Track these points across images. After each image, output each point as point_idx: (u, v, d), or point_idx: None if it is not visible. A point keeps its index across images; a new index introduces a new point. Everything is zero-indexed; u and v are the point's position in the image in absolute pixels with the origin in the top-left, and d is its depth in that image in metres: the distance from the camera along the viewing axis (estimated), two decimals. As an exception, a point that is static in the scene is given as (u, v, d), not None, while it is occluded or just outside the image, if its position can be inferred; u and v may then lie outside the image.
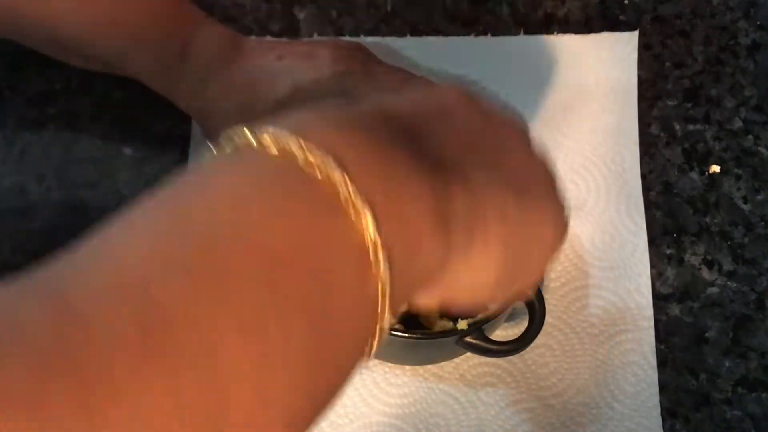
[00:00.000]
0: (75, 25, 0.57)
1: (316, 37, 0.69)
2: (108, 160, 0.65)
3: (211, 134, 0.60)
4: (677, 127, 0.68)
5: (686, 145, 0.67)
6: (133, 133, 0.66)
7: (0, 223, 0.63)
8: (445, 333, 0.54)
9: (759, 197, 0.66)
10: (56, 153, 0.65)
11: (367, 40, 0.67)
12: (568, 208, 0.41)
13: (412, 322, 0.57)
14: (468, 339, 0.54)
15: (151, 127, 0.66)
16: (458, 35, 0.69)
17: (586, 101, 0.67)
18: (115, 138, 0.66)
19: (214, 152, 0.31)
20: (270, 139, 0.29)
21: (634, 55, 0.69)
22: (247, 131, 0.30)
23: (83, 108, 0.67)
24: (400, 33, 0.69)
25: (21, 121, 0.66)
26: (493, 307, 0.44)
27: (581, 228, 0.64)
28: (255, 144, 0.30)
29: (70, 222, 0.63)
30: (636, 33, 0.69)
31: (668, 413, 0.60)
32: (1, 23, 0.58)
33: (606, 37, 0.69)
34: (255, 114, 0.57)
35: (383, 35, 0.69)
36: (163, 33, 0.58)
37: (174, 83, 0.59)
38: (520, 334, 0.55)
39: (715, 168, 0.66)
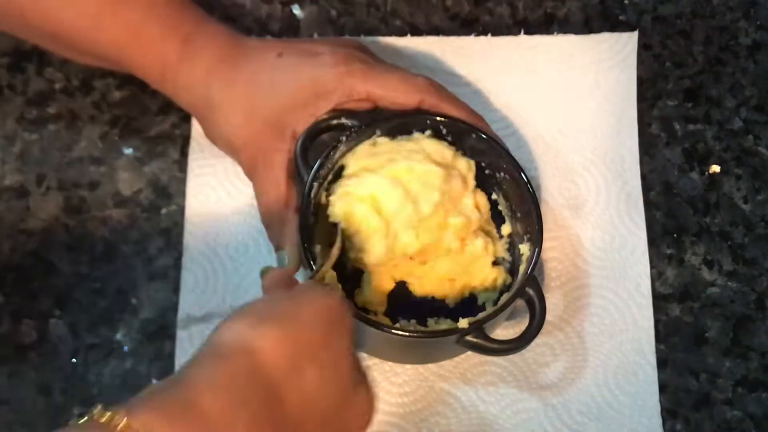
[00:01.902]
0: (75, 20, 0.57)
1: (316, 36, 0.69)
2: (108, 160, 0.65)
3: (211, 133, 0.60)
4: (677, 127, 0.68)
5: (686, 145, 0.67)
6: (133, 133, 0.66)
7: (0, 223, 0.63)
8: (445, 332, 0.54)
9: (759, 197, 0.66)
10: (56, 153, 0.65)
11: (367, 40, 0.67)
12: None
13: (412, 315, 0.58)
14: (469, 338, 0.53)
15: (151, 127, 0.66)
16: (458, 35, 0.69)
17: (586, 101, 0.68)
18: (115, 138, 0.66)
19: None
20: (101, 414, 0.38)
21: (634, 55, 0.69)
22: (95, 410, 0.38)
23: (83, 108, 0.67)
24: (400, 33, 0.69)
25: (21, 121, 0.66)
26: None
27: (581, 228, 0.64)
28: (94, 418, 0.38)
29: (70, 222, 0.63)
30: (636, 33, 0.69)
31: (668, 413, 0.60)
32: (2, 17, 0.58)
33: (606, 37, 0.69)
34: (256, 112, 0.57)
35: (383, 35, 0.69)
36: (163, 30, 0.58)
37: (174, 82, 0.59)
38: (520, 333, 0.55)
39: (716, 168, 0.66)
